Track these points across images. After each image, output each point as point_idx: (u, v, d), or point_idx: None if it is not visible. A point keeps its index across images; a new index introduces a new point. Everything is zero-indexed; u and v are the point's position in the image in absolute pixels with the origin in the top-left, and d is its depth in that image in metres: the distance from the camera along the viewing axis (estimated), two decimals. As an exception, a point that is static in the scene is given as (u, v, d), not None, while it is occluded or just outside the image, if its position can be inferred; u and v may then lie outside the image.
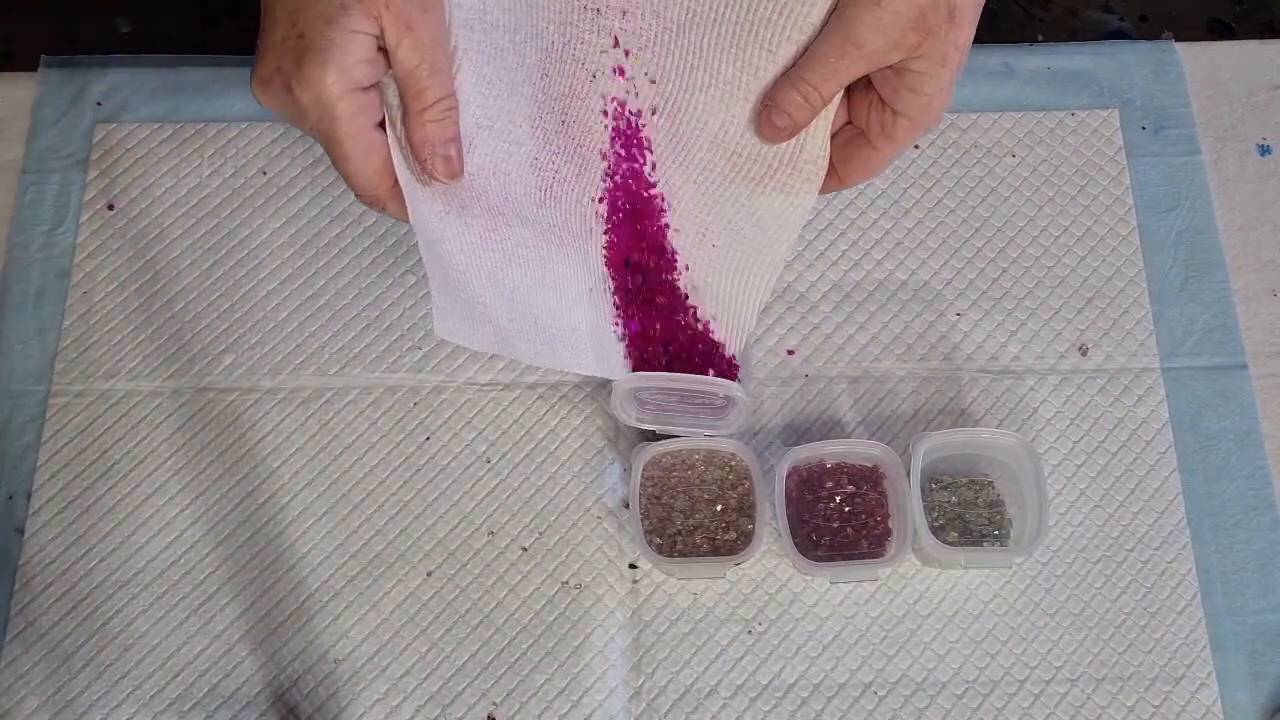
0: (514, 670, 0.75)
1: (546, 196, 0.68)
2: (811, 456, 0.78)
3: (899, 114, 0.62)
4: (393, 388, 0.82)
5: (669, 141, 0.67)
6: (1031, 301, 0.85)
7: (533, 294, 0.69)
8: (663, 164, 0.68)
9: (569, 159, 0.67)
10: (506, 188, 0.66)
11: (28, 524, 0.78)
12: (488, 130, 0.64)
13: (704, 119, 0.65)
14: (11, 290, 0.84)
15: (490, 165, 0.65)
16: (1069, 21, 0.95)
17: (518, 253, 0.68)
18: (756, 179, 0.66)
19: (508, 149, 0.65)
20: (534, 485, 0.80)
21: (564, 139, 0.67)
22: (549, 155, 0.67)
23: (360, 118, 0.59)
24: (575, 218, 0.69)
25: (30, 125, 0.89)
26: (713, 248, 0.70)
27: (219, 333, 0.83)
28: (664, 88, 0.65)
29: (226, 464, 0.80)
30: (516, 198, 0.67)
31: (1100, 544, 0.78)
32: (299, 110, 0.59)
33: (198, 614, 0.76)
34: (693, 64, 0.64)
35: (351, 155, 0.60)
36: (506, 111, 0.65)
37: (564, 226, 0.69)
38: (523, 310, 0.70)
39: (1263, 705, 0.75)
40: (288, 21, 0.58)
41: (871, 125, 0.63)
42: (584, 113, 0.66)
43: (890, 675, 0.75)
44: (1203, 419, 0.82)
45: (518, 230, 0.67)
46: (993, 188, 0.88)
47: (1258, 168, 0.89)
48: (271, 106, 0.60)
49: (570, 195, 0.68)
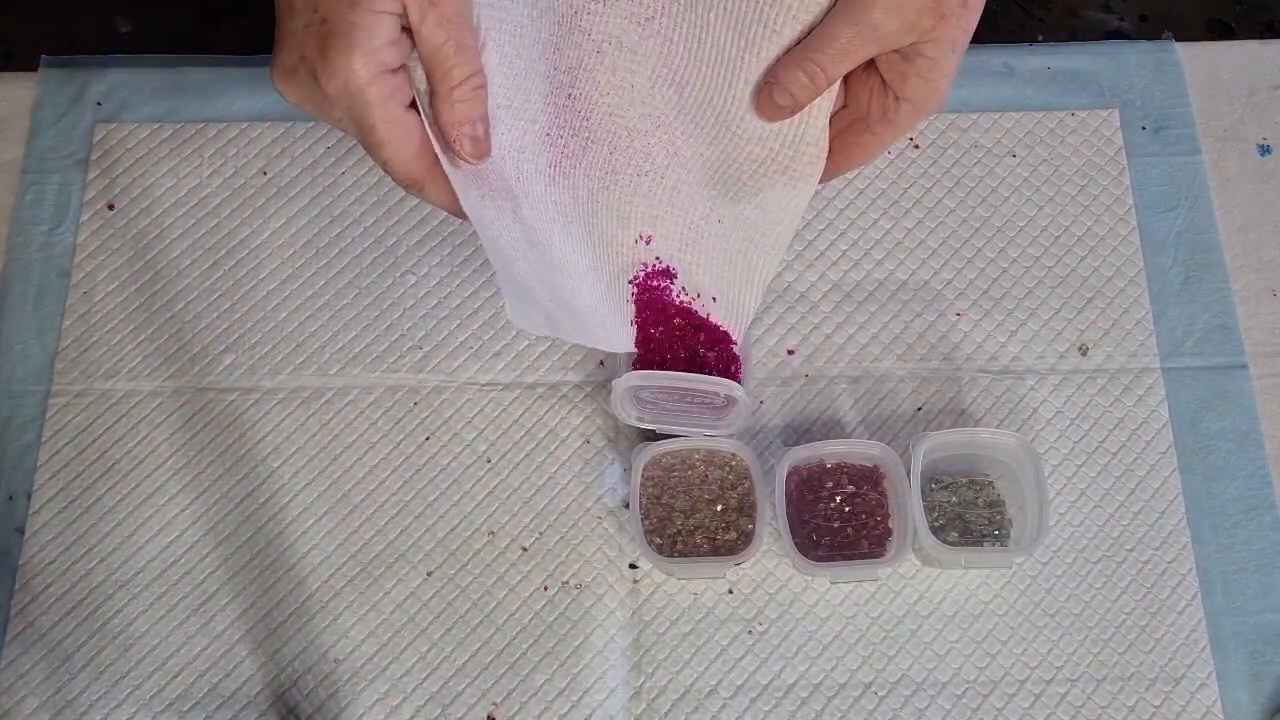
0: (514, 670, 0.75)
1: (556, 173, 0.66)
2: (811, 456, 0.77)
3: (903, 99, 0.61)
4: (393, 388, 0.82)
5: (676, 114, 0.66)
6: (1031, 301, 0.85)
7: (551, 274, 0.69)
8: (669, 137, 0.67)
9: (575, 133, 0.66)
10: (520, 166, 0.65)
11: (28, 524, 0.78)
12: (506, 109, 0.63)
13: (709, 95, 0.64)
14: (11, 290, 0.84)
15: (509, 144, 0.64)
16: (1069, 21, 0.95)
17: (532, 235, 0.67)
18: (758, 161, 0.65)
19: (524, 126, 0.64)
20: (534, 485, 0.80)
21: (570, 113, 0.65)
22: (558, 130, 0.65)
23: (391, 102, 0.57)
24: (583, 191, 0.68)
25: (30, 125, 0.89)
26: (719, 223, 0.69)
27: (219, 333, 0.83)
28: (671, 60, 0.64)
29: (226, 464, 0.80)
30: (529, 176, 0.65)
31: (1100, 544, 0.78)
32: (327, 100, 0.57)
33: (198, 614, 0.76)
34: (700, 38, 0.62)
35: (387, 141, 0.58)
36: (523, 89, 0.63)
37: (571, 203, 0.68)
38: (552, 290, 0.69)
39: (1263, 705, 0.75)
40: (308, 7, 0.56)
41: (873, 111, 0.62)
42: (590, 86, 0.65)
43: (890, 675, 0.75)
44: (1203, 419, 0.82)
45: (527, 212, 0.66)
46: (993, 188, 0.88)
47: (1258, 168, 0.89)
48: (295, 99, 0.58)
49: (577, 170, 0.67)
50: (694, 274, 0.73)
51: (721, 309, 0.73)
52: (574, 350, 0.83)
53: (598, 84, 0.65)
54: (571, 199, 0.68)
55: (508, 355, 0.83)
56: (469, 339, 0.83)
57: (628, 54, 0.64)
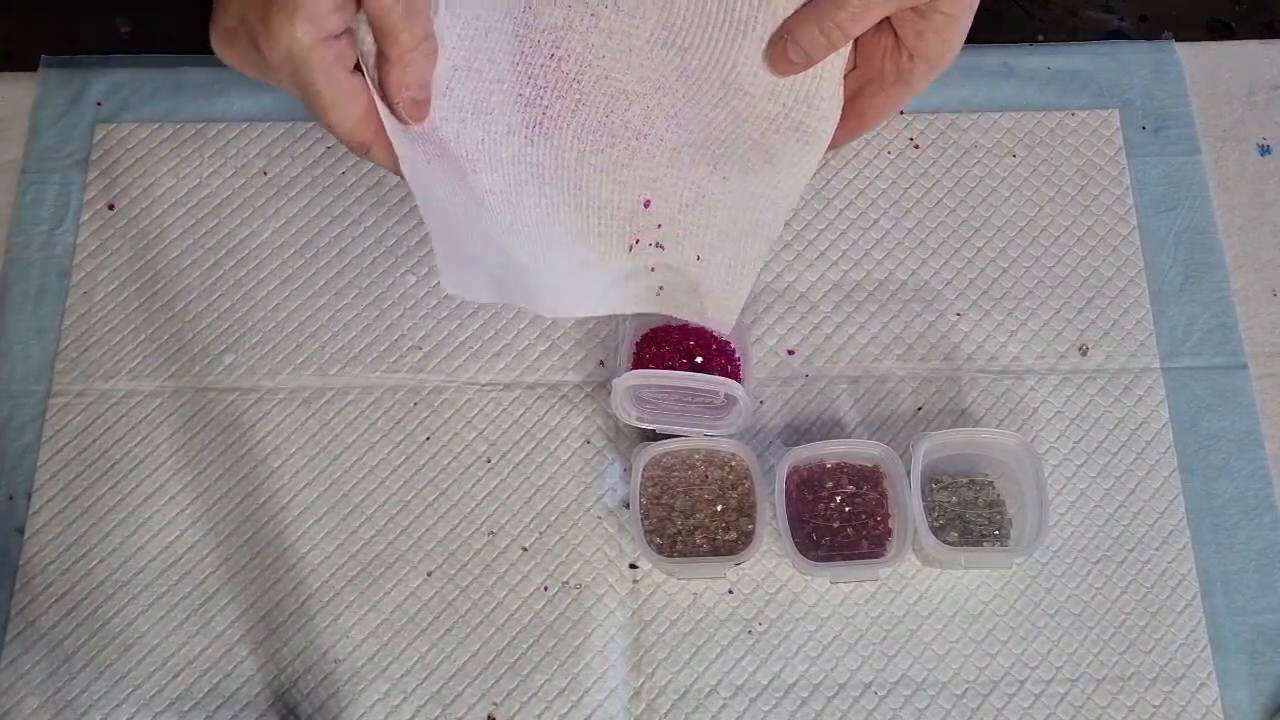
0: (514, 670, 0.75)
1: (536, 133, 0.65)
2: (811, 456, 0.77)
3: (918, 58, 0.60)
4: (393, 388, 0.82)
5: (678, 77, 0.64)
6: (1031, 301, 0.85)
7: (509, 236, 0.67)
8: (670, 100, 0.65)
9: (561, 95, 0.64)
10: (487, 128, 0.64)
11: (28, 524, 0.78)
12: (465, 71, 0.62)
13: (717, 55, 0.62)
14: (11, 290, 0.84)
15: (470, 105, 0.63)
16: (1069, 21, 0.95)
17: (487, 199, 0.65)
18: (770, 117, 0.63)
19: (489, 88, 0.63)
20: (534, 485, 0.80)
21: (555, 74, 0.64)
22: (536, 91, 0.64)
23: (335, 67, 0.56)
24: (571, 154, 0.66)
25: (30, 125, 0.89)
26: (723, 180, 0.67)
27: (219, 333, 0.83)
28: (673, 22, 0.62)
29: (226, 464, 0.80)
30: (496, 138, 0.64)
31: (1100, 544, 0.78)
32: (268, 66, 0.56)
33: (198, 614, 0.76)
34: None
35: (332, 105, 0.57)
36: (485, 49, 0.62)
37: (554, 164, 0.66)
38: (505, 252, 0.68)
39: (1263, 705, 0.75)
40: None
41: (887, 71, 0.61)
42: (581, 48, 0.63)
43: (890, 675, 0.75)
44: (1203, 419, 0.82)
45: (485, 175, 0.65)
46: (993, 188, 0.88)
47: (1258, 168, 0.89)
48: (234, 62, 0.57)
49: (564, 132, 0.65)
50: (697, 232, 0.70)
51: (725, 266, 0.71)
52: (574, 350, 0.83)
53: (590, 45, 0.63)
54: (555, 160, 0.66)
55: (508, 355, 0.83)
56: (469, 339, 0.83)
57: (625, 17, 0.63)
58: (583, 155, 0.66)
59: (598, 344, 0.83)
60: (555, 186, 0.67)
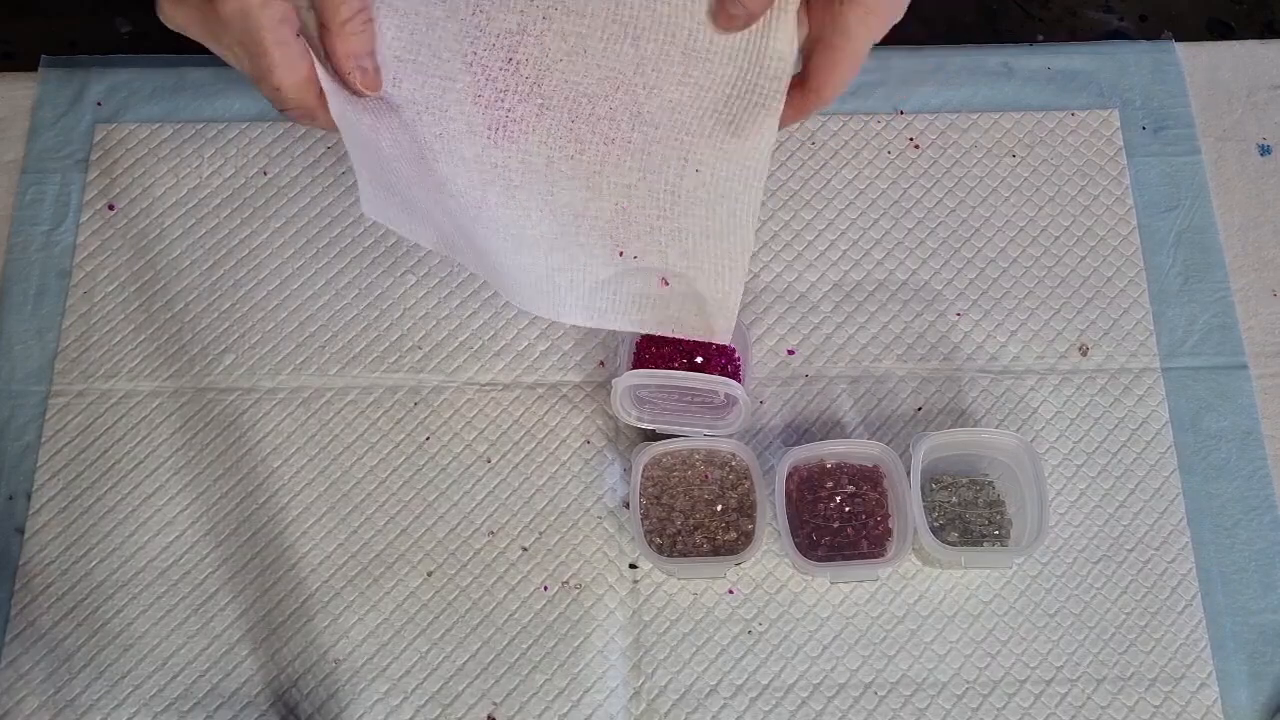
0: (514, 670, 0.75)
1: (500, 136, 0.65)
2: (811, 456, 0.78)
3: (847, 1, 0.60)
4: (393, 388, 0.82)
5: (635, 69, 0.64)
6: (1031, 301, 0.85)
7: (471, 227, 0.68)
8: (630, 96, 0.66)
9: (524, 99, 0.65)
10: (444, 125, 0.64)
11: (28, 524, 0.78)
12: (410, 64, 0.63)
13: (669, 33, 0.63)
14: (11, 290, 0.84)
15: (421, 101, 0.63)
16: (1069, 21, 0.96)
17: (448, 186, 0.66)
18: (730, 81, 0.64)
19: (440, 84, 0.64)
20: (534, 485, 0.80)
21: (515, 78, 0.64)
22: (496, 94, 0.65)
23: (283, 26, 0.58)
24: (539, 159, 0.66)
25: (30, 125, 0.89)
26: (696, 172, 0.67)
27: (219, 333, 0.83)
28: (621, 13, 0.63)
29: (226, 464, 0.80)
30: (455, 136, 0.65)
31: (1100, 544, 0.78)
32: (219, 23, 0.57)
33: (198, 614, 0.76)
34: None
35: (278, 64, 0.59)
36: (428, 45, 0.63)
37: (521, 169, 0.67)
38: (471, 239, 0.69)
39: (1263, 705, 0.75)
40: None
41: (825, 24, 0.61)
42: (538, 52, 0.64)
43: (890, 675, 0.75)
44: (1203, 419, 0.82)
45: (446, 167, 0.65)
46: (993, 188, 0.88)
47: (1258, 168, 0.89)
48: (182, 22, 0.59)
49: (529, 137, 0.66)
50: (680, 238, 0.70)
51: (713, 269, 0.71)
52: (574, 350, 0.83)
53: (547, 50, 0.64)
54: (521, 164, 0.66)
55: (508, 355, 0.83)
56: (469, 339, 0.83)
57: (576, 18, 0.63)
58: (551, 161, 0.67)
59: (598, 344, 0.83)
60: (526, 191, 0.67)
